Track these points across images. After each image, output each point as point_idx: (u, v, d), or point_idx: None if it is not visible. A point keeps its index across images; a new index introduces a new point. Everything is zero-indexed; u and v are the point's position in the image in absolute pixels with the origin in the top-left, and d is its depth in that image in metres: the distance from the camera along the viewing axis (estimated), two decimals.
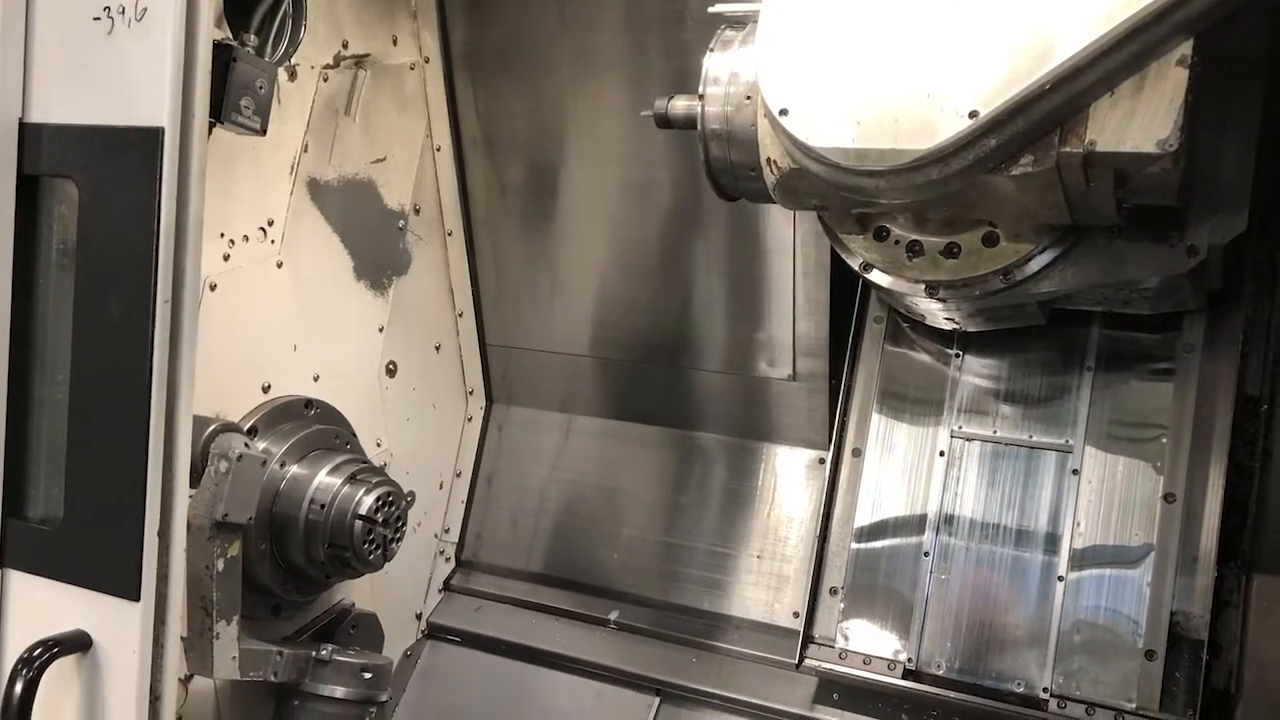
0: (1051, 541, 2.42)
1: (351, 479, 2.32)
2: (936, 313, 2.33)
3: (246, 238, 2.28)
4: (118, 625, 1.82)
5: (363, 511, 2.28)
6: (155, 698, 1.86)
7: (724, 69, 2.06)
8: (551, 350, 3.04)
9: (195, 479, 1.96)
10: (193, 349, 1.81)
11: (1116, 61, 1.68)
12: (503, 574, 2.97)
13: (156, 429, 1.78)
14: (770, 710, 2.58)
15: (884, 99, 1.74)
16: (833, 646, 2.53)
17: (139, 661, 1.82)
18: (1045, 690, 2.33)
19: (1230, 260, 2.15)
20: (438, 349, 2.96)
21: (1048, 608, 2.38)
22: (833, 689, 2.53)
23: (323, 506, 2.27)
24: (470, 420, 3.11)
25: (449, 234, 2.92)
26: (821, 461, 2.75)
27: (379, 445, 2.71)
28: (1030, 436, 2.50)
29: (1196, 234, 2.03)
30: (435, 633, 2.99)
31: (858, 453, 2.65)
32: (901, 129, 1.72)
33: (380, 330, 2.71)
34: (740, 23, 2.11)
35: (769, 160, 1.96)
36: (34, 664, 1.77)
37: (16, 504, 1.92)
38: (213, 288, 2.19)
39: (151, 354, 1.76)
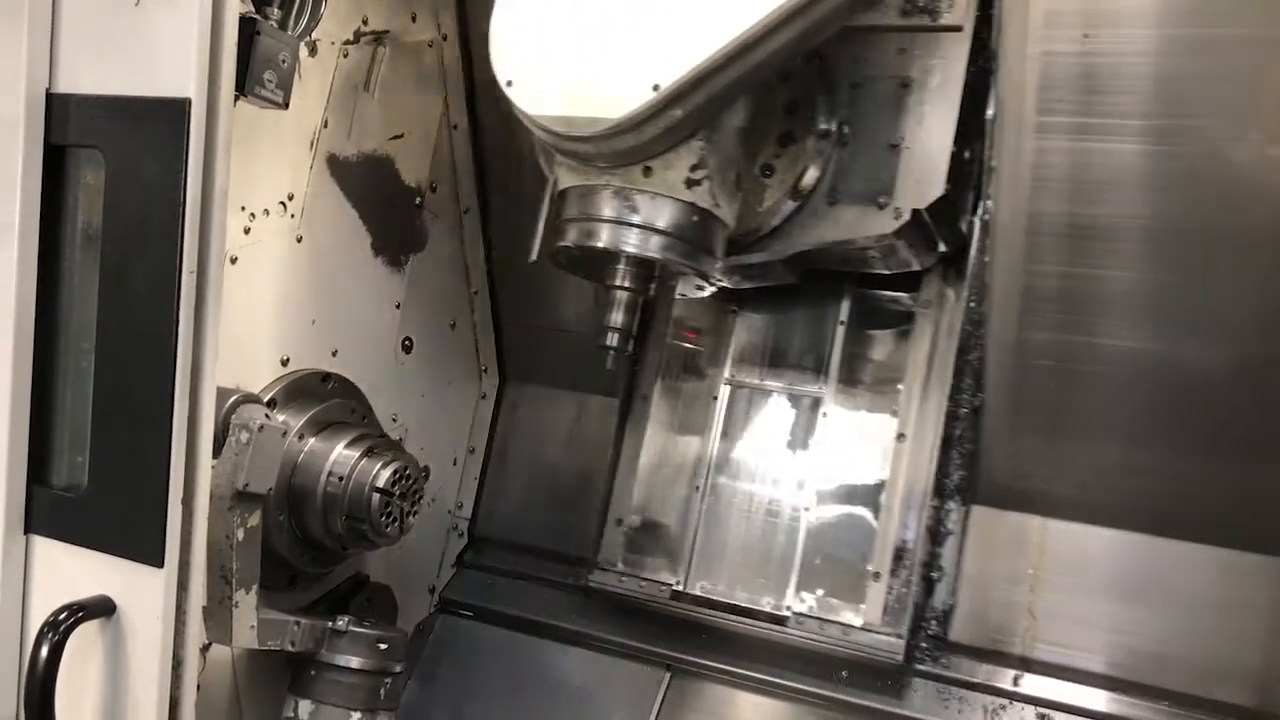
0: (801, 477, 2.72)
1: (369, 452, 2.34)
2: None
3: (267, 211, 2.30)
4: (141, 591, 1.85)
5: (380, 484, 2.30)
6: (177, 663, 1.88)
7: None
8: (565, 329, 3.05)
9: (216, 449, 1.98)
10: (217, 320, 1.83)
11: (786, 38, 1.96)
12: (515, 550, 2.99)
13: (181, 398, 1.80)
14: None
15: (588, 73, 1.99)
16: (615, 570, 2.82)
17: (162, 628, 1.84)
18: (788, 609, 2.62)
19: (954, 222, 2.44)
20: (453, 326, 2.98)
21: (795, 537, 2.68)
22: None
23: (340, 479, 2.29)
24: (484, 397, 3.13)
25: (465, 212, 2.93)
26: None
27: (395, 420, 2.73)
28: (790, 384, 2.79)
29: (901, 198, 2.31)
30: (448, 607, 3.02)
31: (645, 398, 2.92)
32: (601, 100, 1.97)
33: (397, 307, 2.73)
34: None
35: None
36: (59, 628, 1.80)
37: (42, 471, 1.94)
38: (233, 261, 2.20)
39: (176, 324, 1.78)
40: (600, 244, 2.15)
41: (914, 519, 2.56)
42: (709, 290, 2.34)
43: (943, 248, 2.51)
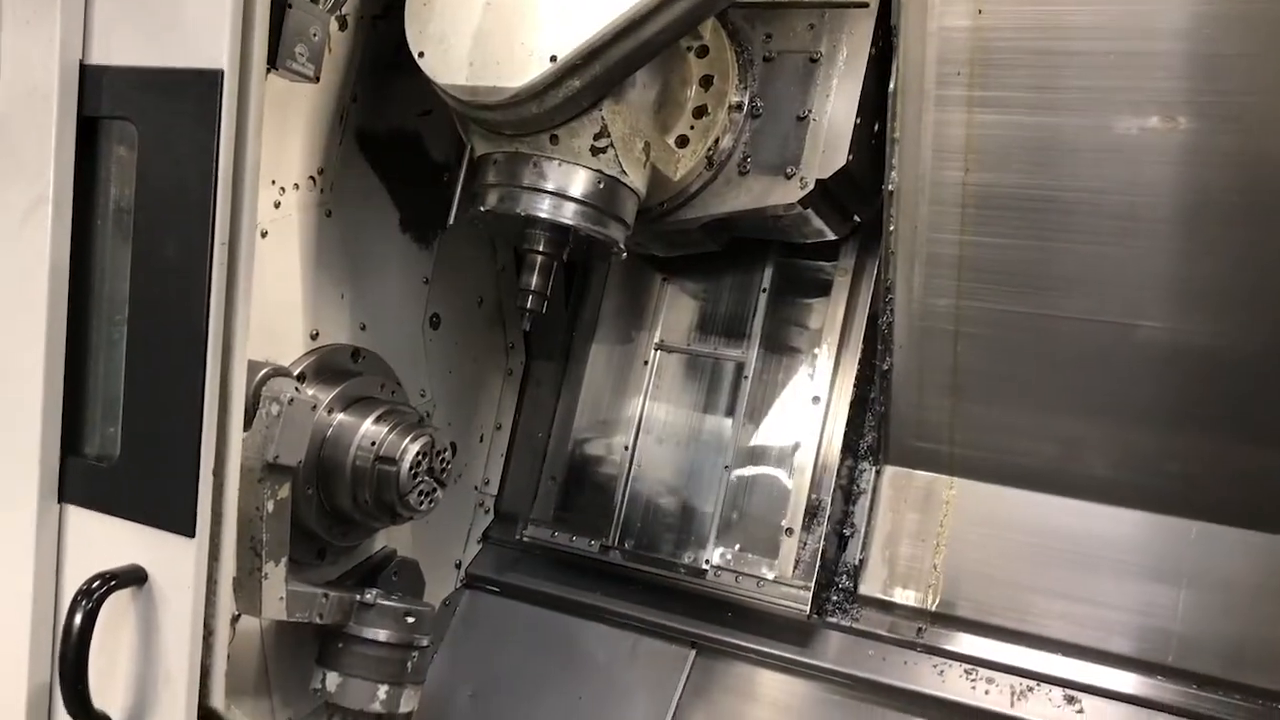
0: (724, 438, 2.85)
1: (398, 427, 2.35)
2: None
3: (297, 185, 2.30)
4: (173, 561, 1.86)
5: (409, 459, 2.31)
6: (209, 633, 1.90)
7: None
8: None
9: (246, 422, 1.99)
10: (248, 292, 1.84)
11: (673, 14, 2.06)
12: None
13: (212, 369, 1.81)
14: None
15: (490, 45, 2.09)
16: (548, 526, 2.99)
17: (193, 597, 1.86)
18: (707, 563, 2.76)
19: (870, 193, 2.55)
20: (480, 303, 2.98)
21: (716, 495, 2.81)
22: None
23: (369, 453, 2.30)
24: (510, 374, 3.14)
25: None
26: None
27: (423, 396, 2.74)
28: (715, 349, 2.93)
29: (807, 169, 2.44)
30: (474, 583, 3.04)
31: (580, 360, 3.07)
32: (502, 70, 2.07)
33: (425, 282, 2.73)
34: None
35: None
36: (92, 596, 1.82)
37: (75, 441, 1.96)
38: (264, 235, 2.20)
39: (208, 296, 1.79)
40: (516, 210, 2.26)
41: (827, 478, 2.69)
42: (622, 255, 2.42)
43: (858, 219, 2.66)
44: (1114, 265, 2.29)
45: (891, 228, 2.48)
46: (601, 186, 2.26)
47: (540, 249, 2.33)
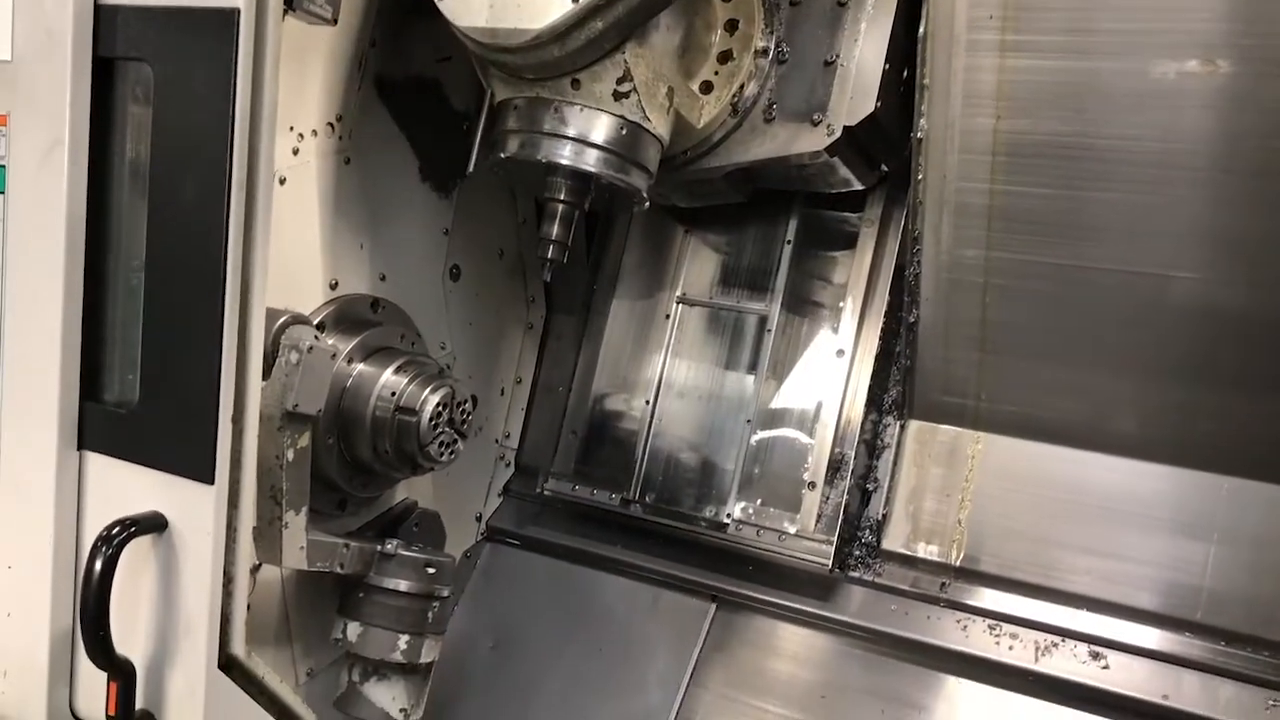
0: (746, 392, 2.81)
1: (418, 378, 2.33)
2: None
3: (315, 132, 2.26)
4: (192, 508, 1.86)
5: (429, 410, 2.29)
6: (228, 579, 1.90)
7: None
8: None
9: (265, 371, 1.97)
10: (266, 236, 1.82)
11: None
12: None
13: (230, 315, 1.79)
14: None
15: None
16: (569, 479, 2.95)
17: (212, 544, 1.86)
18: (728, 517, 2.72)
19: (898, 143, 2.49)
20: (500, 255, 2.95)
21: (737, 449, 2.77)
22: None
23: (390, 404, 2.28)
24: (531, 328, 3.11)
25: None
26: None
27: (443, 348, 2.72)
28: (738, 302, 2.88)
29: (834, 116, 2.39)
30: (495, 535, 3.03)
31: (601, 314, 3.03)
32: (523, 12, 2.01)
33: (445, 233, 2.70)
34: None
35: None
36: (113, 542, 1.82)
37: (94, 388, 1.95)
38: (282, 181, 2.18)
39: (225, 240, 1.77)
40: (537, 156, 2.21)
41: (851, 433, 2.65)
42: (645, 205, 2.39)
43: (884, 168, 2.60)
44: (1148, 215, 2.23)
45: (920, 177, 2.42)
46: (624, 132, 2.21)
47: (562, 197, 2.29)
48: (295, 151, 2.22)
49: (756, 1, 2.46)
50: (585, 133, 2.19)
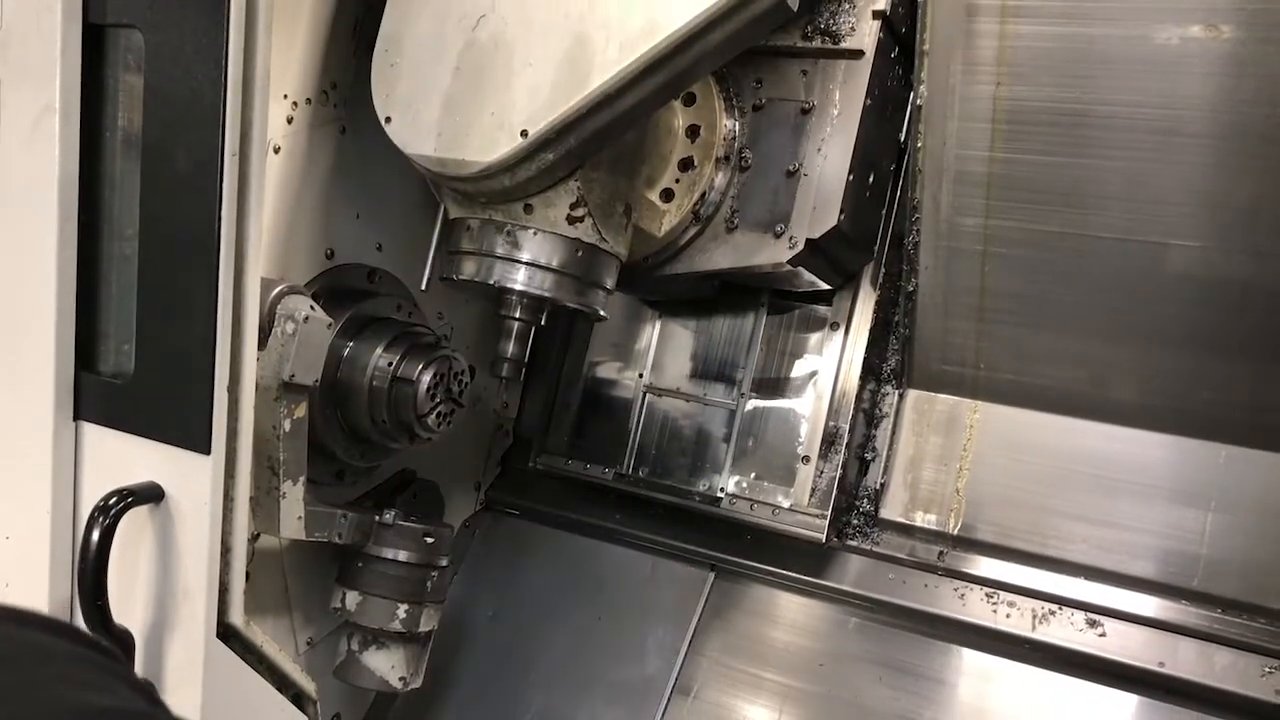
0: (739, 366, 2.80)
1: (415, 348, 2.32)
2: None
3: (309, 100, 2.24)
4: (189, 478, 1.86)
5: (426, 380, 2.29)
6: (226, 549, 1.90)
7: None
8: None
9: (261, 341, 1.97)
10: (260, 204, 1.80)
11: (649, 88, 1.95)
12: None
13: (225, 284, 1.78)
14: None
15: (459, 114, 2.00)
16: (562, 454, 2.99)
17: (210, 514, 1.86)
18: (722, 491, 2.73)
19: (864, 246, 2.56)
20: None
21: (731, 423, 2.78)
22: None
23: (386, 373, 2.28)
24: None
25: None
26: None
27: (440, 318, 2.71)
28: None
29: (797, 228, 2.34)
30: (493, 505, 3.04)
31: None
32: (471, 143, 1.98)
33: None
34: None
35: None
36: (109, 512, 1.81)
37: (89, 358, 1.94)
38: (276, 150, 2.16)
39: (219, 208, 1.75)
40: (490, 281, 2.17)
41: (846, 406, 2.62)
42: (604, 319, 2.37)
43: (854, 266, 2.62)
44: (1150, 183, 2.21)
45: (919, 144, 2.40)
46: (580, 254, 2.17)
47: (517, 315, 2.25)
48: (290, 120, 2.20)
49: (719, 106, 2.41)
50: (538, 257, 2.14)
